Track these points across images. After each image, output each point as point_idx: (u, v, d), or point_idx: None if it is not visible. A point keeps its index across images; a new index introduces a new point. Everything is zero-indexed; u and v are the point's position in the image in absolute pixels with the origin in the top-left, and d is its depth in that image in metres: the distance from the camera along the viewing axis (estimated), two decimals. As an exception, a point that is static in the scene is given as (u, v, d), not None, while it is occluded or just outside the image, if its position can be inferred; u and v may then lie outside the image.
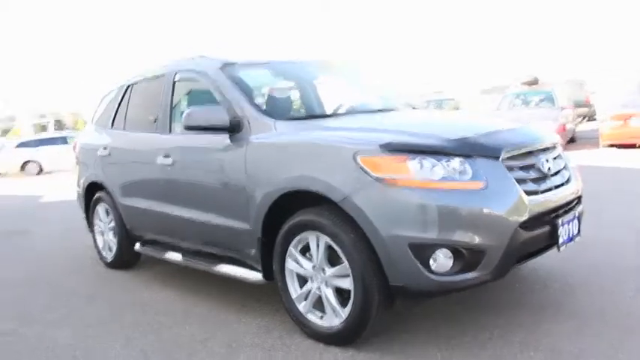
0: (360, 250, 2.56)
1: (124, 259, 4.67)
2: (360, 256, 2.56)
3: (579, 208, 3.03)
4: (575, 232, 2.88)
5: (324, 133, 2.89)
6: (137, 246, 4.43)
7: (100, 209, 4.86)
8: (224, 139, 3.25)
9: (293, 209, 2.87)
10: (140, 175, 4.17)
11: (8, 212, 9.78)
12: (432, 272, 2.45)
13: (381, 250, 2.50)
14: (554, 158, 2.95)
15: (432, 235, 2.42)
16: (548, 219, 2.70)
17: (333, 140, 2.77)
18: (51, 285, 4.50)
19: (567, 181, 2.95)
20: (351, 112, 3.63)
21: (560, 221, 2.71)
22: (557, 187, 2.81)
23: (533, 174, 2.71)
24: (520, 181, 2.61)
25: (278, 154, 2.96)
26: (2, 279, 4.84)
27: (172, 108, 3.95)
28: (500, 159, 2.58)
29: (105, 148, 4.65)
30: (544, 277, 3.59)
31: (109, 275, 4.65)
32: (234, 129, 3.20)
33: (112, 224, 4.67)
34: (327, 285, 2.79)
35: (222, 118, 3.17)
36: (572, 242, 2.86)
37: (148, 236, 4.33)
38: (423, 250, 2.43)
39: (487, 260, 2.47)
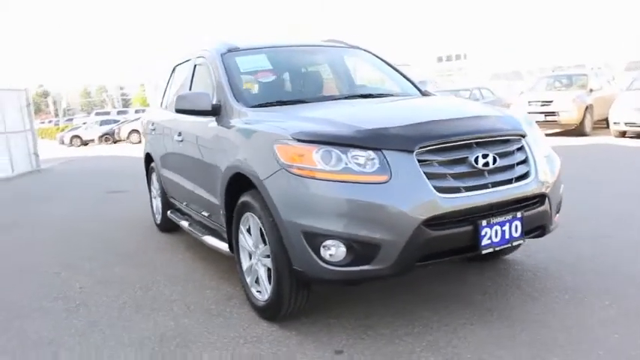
0: (275, 232, 2.69)
1: (167, 223, 5.25)
2: (274, 238, 2.70)
3: (538, 208, 2.77)
4: (517, 234, 2.65)
5: (269, 122, 3.00)
6: (169, 212, 4.97)
7: (153, 177, 5.50)
8: (211, 121, 3.54)
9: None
10: (168, 149, 4.67)
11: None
12: (325, 261, 2.50)
13: (283, 235, 2.61)
14: (504, 153, 2.73)
15: (323, 225, 2.46)
16: (470, 218, 2.54)
17: (266, 128, 2.90)
18: (102, 237, 5.27)
19: (520, 179, 2.72)
20: (331, 98, 3.65)
21: (483, 222, 2.53)
22: (495, 184, 2.62)
23: (459, 169, 2.57)
24: (437, 176, 2.51)
25: (235, 139, 3.17)
26: (88, 228, 5.78)
27: (190, 90, 4.33)
28: (414, 153, 2.50)
29: (152, 125, 5.24)
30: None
31: (154, 235, 5.28)
32: (216, 113, 3.47)
33: (160, 191, 5.28)
34: (260, 263, 2.97)
35: (206, 102, 3.45)
36: (509, 245, 2.65)
37: (176, 204, 4.84)
38: (314, 239, 2.49)
39: (383, 255, 2.44)
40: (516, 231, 2.65)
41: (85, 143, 28.79)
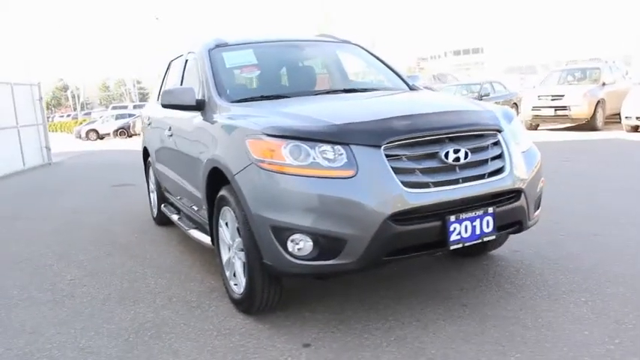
0: (246, 226, 2.71)
1: (162, 217, 5.31)
2: (246, 232, 2.72)
3: (513, 204, 2.75)
4: (488, 230, 2.64)
5: (246, 117, 3.01)
6: (162, 206, 5.03)
7: (150, 171, 5.57)
8: (196, 116, 3.57)
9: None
10: (160, 143, 4.72)
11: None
12: (292, 255, 2.51)
13: (253, 229, 2.64)
14: (478, 148, 2.71)
15: (289, 219, 2.48)
16: (438, 214, 2.53)
17: (240, 123, 2.92)
18: (101, 229, 5.35)
19: (494, 174, 2.69)
20: (314, 93, 3.64)
21: (452, 217, 2.52)
22: (466, 179, 2.60)
23: (428, 164, 2.56)
24: (405, 171, 2.50)
25: (214, 133, 3.20)
26: (89, 221, 5.88)
27: (181, 85, 4.36)
28: (382, 148, 2.49)
29: (148, 119, 5.30)
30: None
31: (150, 228, 5.36)
32: (200, 108, 3.50)
33: (155, 185, 5.34)
34: (237, 256, 3.00)
35: (191, 97, 3.48)
36: (480, 241, 2.64)
37: (170, 198, 4.90)
38: (282, 233, 2.51)
39: (349, 249, 2.45)
40: (488, 227, 2.64)
41: (101, 137, 29.18)
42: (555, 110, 12.07)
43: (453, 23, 69.42)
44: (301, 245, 2.50)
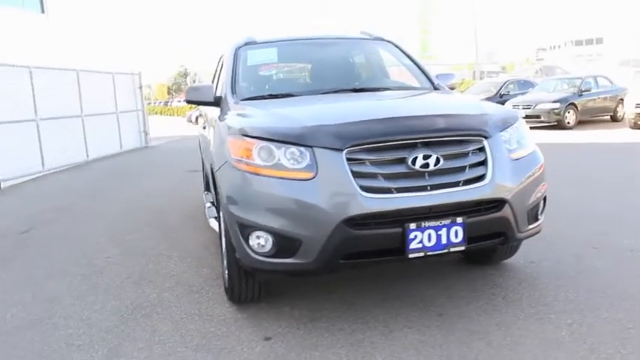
0: (224, 221, 2.86)
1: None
2: (224, 226, 2.87)
3: (493, 214, 2.61)
4: (457, 240, 2.53)
5: (239, 116, 3.13)
6: (204, 194, 5.35)
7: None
8: (216, 111, 3.78)
9: None
10: (204, 136, 5.02)
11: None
12: (254, 252, 2.61)
13: (227, 224, 2.77)
14: (454, 154, 2.60)
15: (251, 217, 2.59)
16: (399, 220, 2.48)
17: (229, 122, 3.05)
18: (158, 212, 5.82)
19: (471, 182, 2.57)
20: (320, 92, 3.65)
21: (412, 225, 2.46)
22: (436, 187, 2.52)
23: (392, 170, 2.51)
24: (367, 175, 2.49)
25: (218, 130, 3.38)
26: (153, 203, 6.44)
27: (217, 81, 4.62)
28: (344, 151, 2.50)
29: (199, 112, 5.65)
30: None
31: (199, 215, 5.71)
32: (218, 104, 3.70)
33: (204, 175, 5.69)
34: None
35: (209, 94, 3.69)
36: (446, 251, 2.54)
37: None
38: (245, 230, 2.62)
39: (305, 249, 2.50)
40: (457, 237, 2.54)
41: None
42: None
43: (577, 10, 63.99)
44: (262, 242, 2.59)
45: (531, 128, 13.38)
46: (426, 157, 2.52)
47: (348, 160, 2.49)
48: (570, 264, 3.49)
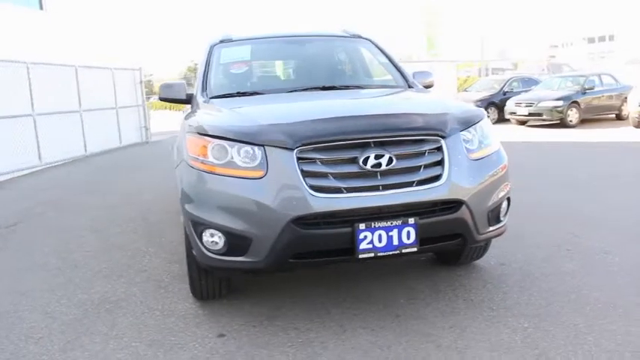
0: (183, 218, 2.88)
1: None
2: (183, 223, 2.88)
3: (448, 216, 2.59)
4: (409, 241, 2.52)
5: (202, 114, 3.14)
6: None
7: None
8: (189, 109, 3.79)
9: None
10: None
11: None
12: (207, 249, 2.62)
13: (184, 220, 2.79)
14: (409, 154, 2.58)
15: (203, 215, 2.60)
16: (349, 220, 2.47)
17: (190, 120, 3.06)
18: (149, 206, 5.86)
19: (426, 182, 2.55)
20: (287, 90, 3.63)
21: (362, 225, 2.45)
22: (388, 187, 2.51)
23: (343, 169, 2.50)
24: (317, 175, 2.48)
25: (182, 128, 3.38)
26: (142, 199, 6.48)
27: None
28: (294, 150, 2.49)
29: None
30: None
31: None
32: (189, 102, 3.71)
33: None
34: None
35: (182, 92, 3.70)
36: (398, 252, 2.53)
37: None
38: (198, 227, 2.63)
39: (255, 248, 2.51)
40: (408, 238, 2.52)
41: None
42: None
43: (590, 7, 63.12)
44: (215, 240, 2.60)
45: (533, 126, 13.38)
46: (378, 157, 2.51)
47: (299, 159, 2.49)
48: (539, 266, 3.47)
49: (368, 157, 2.50)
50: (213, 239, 2.60)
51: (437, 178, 2.60)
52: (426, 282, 3.29)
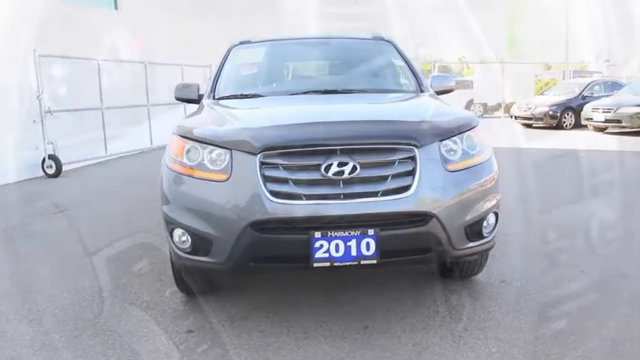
0: (165, 216, 2.99)
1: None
2: (165, 222, 3.00)
3: (414, 229, 2.50)
4: (368, 253, 2.45)
5: (195, 116, 3.24)
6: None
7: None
8: None
9: None
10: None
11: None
12: (177, 247, 2.71)
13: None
14: (377, 163, 2.51)
15: (172, 214, 2.70)
16: (306, 227, 2.45)
17: (180, 121, 3.15)
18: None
19: (392, 192, 2.48)
20: (288, 93, 3.65)
21: (317, 233, 2.42)
22: (350, 196, 2.46)
23: (304, 176, 2.48)
24: (277, 180, 2.48)
25: None
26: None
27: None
28: (258, 155, 2.50)
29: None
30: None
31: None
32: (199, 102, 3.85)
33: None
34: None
35: (194, 92, 3.85)
36: (356, 263, 2.47)
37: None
38: (169, 226, 2.73)
39: (216, 249, 2.56)
40: (368, 250, 2.46)
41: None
42: None
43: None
44: (184, 239, 2.68)
45: (610, 134, 12.52)
46: (341, 165, 2.46)
47: (263, 164, 2.50)
48: (544, 286, 3.23)
49: (330, 165, 2.47)
50: (183, 238, 2.69)
51: (405, 189, 2.51)
52: (413, 295, 3.18)
